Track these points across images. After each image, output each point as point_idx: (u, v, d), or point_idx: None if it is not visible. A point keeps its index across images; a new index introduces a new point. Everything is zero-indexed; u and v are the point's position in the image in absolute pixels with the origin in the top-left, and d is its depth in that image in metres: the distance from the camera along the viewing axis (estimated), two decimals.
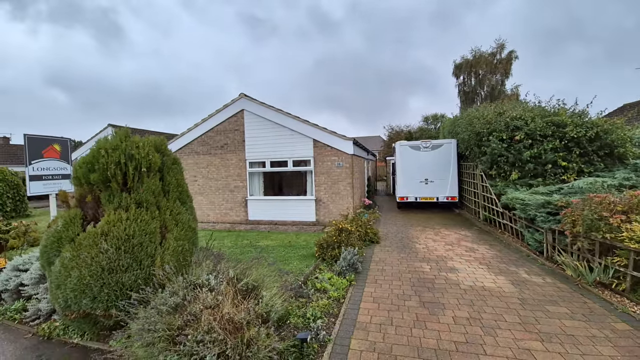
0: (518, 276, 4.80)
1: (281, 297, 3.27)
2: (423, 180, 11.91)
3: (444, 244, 6.96)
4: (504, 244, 6.89)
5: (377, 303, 3.96)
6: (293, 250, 6.86)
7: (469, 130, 9.28)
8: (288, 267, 5.53)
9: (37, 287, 3.78)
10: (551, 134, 7.39)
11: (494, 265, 5.36)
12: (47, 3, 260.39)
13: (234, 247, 7.36)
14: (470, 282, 4.58)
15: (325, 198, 10.51)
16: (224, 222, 11.63)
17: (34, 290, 3.79)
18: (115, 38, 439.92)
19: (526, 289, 4.29)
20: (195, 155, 12.02)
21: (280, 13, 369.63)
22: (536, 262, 5.48)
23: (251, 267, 3.63)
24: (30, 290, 3.80)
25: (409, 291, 4.32)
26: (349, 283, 4.64)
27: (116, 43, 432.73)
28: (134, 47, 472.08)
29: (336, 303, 3.99)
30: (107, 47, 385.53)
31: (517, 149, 7.62)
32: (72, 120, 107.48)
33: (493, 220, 8.62)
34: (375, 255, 6.25)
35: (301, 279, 4.65)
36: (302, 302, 3.96)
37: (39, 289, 3.75)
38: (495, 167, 8.19)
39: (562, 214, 5.13)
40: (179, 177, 3.77)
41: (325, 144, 10.32)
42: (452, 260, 5.76)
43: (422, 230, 8.59)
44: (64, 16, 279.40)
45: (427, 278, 4.83)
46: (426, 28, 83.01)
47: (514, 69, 26.78)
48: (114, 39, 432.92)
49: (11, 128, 76.67)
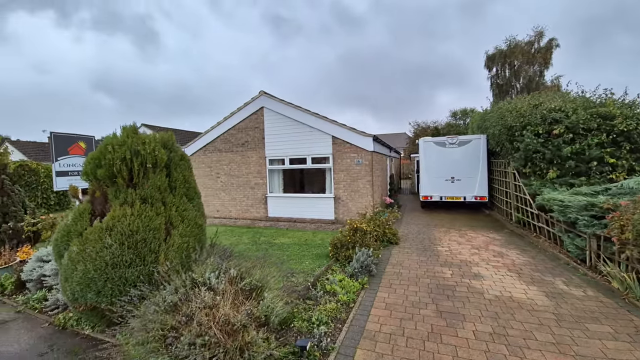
0: (554, 287, 4.27)
1: (284, 299, 3.11)
2: (449, 178, 11.24)
3: (469, 247, 6.46)
4: (539, 249, 6.24)
5: (390, 310, 3.69)
6: (308, 249, 6.71)
7: (499, 125, 8.55)
8: (300, 266, 5.39)
9: (57, 278, 3.95)
10: (597, 127, 6.57)
11: (525, 273, 4.84)
12: (89, 11, 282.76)
13: (251, 244, 7.36)
14: (497, 292, 4.14)
15: (344, 196, 10.26)
16: (245, 218, 11.78)
17: (54, 280, 3.97)
18: (152, 43, 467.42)
19: (563, 302, 3.79)
20: (218, 153, 12.27)
21: (304, 12, 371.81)
22: (577, 272, 4.87)
23: (256, 267, 3.51)
24: (50, 280, 3.99)
25: (426, 298, 3.99)
26: (361, 286, 4.39)
27: (152, 48, 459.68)
28: (167, 51, 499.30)
29: (345, 307, 3.77)
30: (144, 52, 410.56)
31: (556, 145, 6.87)
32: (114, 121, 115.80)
33: (527, 222, 7.89)
34: (392, 257, 5.92)
35: (311, 280, 4.48)
36: (310, 304, 3.79)
37: (58, 279, 3.91)
38: (530, 164, 7.46)
39: (609, 217, 4.50)
40: (187, 173, 3.73)
41: (344, 141, 10.05)
42: (478, 265, 5.30)
43: (446, 232, 8.08)
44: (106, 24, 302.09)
45: (447, 285, 4.45)
46: (455, 19, 78.94)
47: (555, 59, 24.58)
48: (151, 44, 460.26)
49: (60, 129, 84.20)
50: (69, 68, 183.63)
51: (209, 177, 12.45)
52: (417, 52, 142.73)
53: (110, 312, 2.96)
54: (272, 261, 3.94)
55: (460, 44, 76.92)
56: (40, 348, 3.13)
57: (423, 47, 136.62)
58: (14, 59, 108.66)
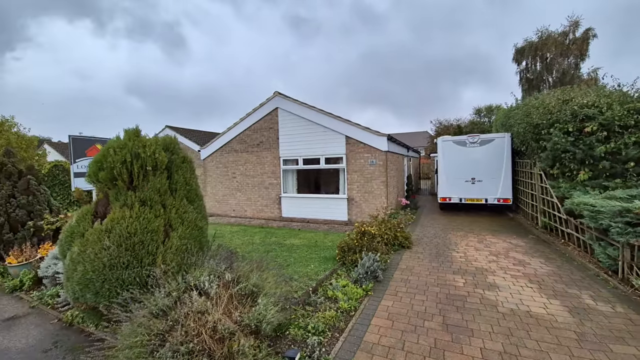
0: (579, 301, 3.88)
1: (278, 305, 3.03)
2: (469, 179, 10.69)
3: (487, 254, 6.06)
4: (566, 258, 5.74)
5: (392, 320, 3.50)
6: (317, 251, 6.61)
7: (525, 122, 7.97)
8: (305, 269, 5.30)
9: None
10: (634, 125, 5.92)
11: (547, 285, 4.44)
12: (123, 20, 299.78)
13: (261, 245, 7.37)
14: (513, 305, 3.82)
15: (358, 197, 10.06)
16: (260, 218, 11.89)
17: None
18: (179, 48, 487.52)
19: (587, 319, 3.41)
20: (234, 153, 12.47)
21: (323, 11, 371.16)
22: (607, 285, 4.41)
23: (253, 270, 3.46)
24: (63, 278, 4.17)
25: (433, 309, 3.75)
26: (365, 293, 4.23)
27: (180, 52, 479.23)
28: (194, 55, 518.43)
29: (345, 316, 3.63)
30: (173, 57, 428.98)
31: (588, 144, 6.28)
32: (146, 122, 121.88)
33: (554, 228, 7.30)
34: (402, 262, 5.68)
35: (313, 285, 4.37)
36: (309, 311, 3.69)
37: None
38: (559, 165, 6.89)
39: None
40: (188, 175, 3.75)
41: (358, 141, 9.85)
42: (494, 274, 4.94)
43: (463, 236, 7.67)
44: (137, 32, 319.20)
45: (458, 294, 4.17)
46: (481, 11, 75.12)
47: (592, 50, 22.76)
48: (178, 49, 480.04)
49: (98, 130, 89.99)
50: (106, 73, 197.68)
51: (226, 177, 12.69)
52: (441, 48, 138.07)
53: (109, 312, 3.02)
54: (273, 265, 3.86)
55: (487, 37, 73.20)
56: (46, 344, 3.26)
57: (447, 42, 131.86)
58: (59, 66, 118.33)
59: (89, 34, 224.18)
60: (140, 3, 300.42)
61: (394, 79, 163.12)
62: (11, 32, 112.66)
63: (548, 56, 24.83)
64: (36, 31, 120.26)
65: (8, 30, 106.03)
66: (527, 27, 46.85)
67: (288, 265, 5.55)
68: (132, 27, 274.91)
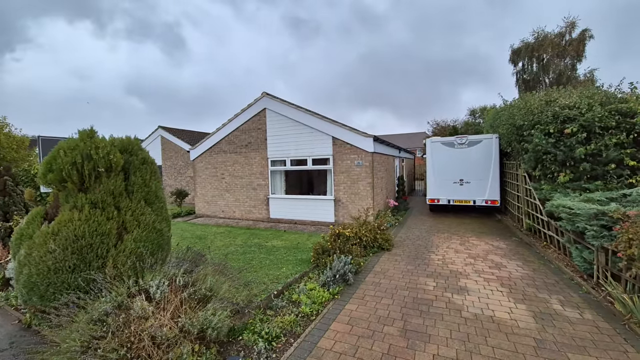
0: (546, 306, 3.80)
1: (227, 310, 2.96)
2: (457, 181, 10.61)
3: (465, 257, 5.99)
4: (544, 261, 5.66)
5: (351, 325, 3.42)
6: (295, 253, 6.54)
7: (508, 123, 7.90)
8: (278, 272, 5.22)
9: None
10: (615, 126, 5.84)
11: (518, 289, 4.36)
12: (123, 21, 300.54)
13: (242, 247, 7.29)
14: (477, 309, 3.74)
15: (344, 198, 9.99)
16: (248, 219, 11.83)
17: None
18: (179, 49, 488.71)
19: (551, 325, 3.33)
20: (223, 154, 12.41)
21: (322, 12, 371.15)
22: (580, 289, 4.32)
23: (208, 275, 3.39)
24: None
25: (396, 313, 3.68)
26: (332, 296, 4.15)
27: (180, 53, 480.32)
28: (193, 56, 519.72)
29: (305, 320, 3.56)
30: (172, 57, 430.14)
31: (569, 145, 6.20)
32: (146, 122, 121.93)
33: (537, 230, 7.22)
34: (378, 264, 5.61)
35: (279, 288, 4.29)
36: (270, 315, 3.62)
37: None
38: (540, 166, 6.81)
39: (616, 229, 3.94)
40: (147, 177, 3.68)
41: (344, 142, 9.79)
42: (468, 277, 4.86)
43: (447, 238, 7.59)
44: (137, 32, 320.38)
45: (425, 298, 4.09)
46: (480, 12, 74.95)
47: (588, 51, 22.68)
48: (178, 50, 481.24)
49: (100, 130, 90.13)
50: (106, 74, 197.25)
51: (215, 178, 12.64)
52: (440, 49, 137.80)
53: (56, 316, 2.96)
54: (245, 265, 3.79)
55: (486, 38, 73.04)
56: (3, 344, 3.21)
57: (446, 43, 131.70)
58: (58, 66, 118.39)
59: (88, 35, 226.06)
60: (140, 4, 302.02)
61: (394, 79, 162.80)
62: (11, 34, 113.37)
63: (544, 57, 24.79)
64: (36, 32, 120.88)
65: (8, 32, 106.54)
66: (526, 28, 46.79)
67: (261, 268, 5.48)
68: (132, 28, 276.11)
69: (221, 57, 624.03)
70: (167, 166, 17.87)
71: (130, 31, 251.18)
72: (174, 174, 17.69)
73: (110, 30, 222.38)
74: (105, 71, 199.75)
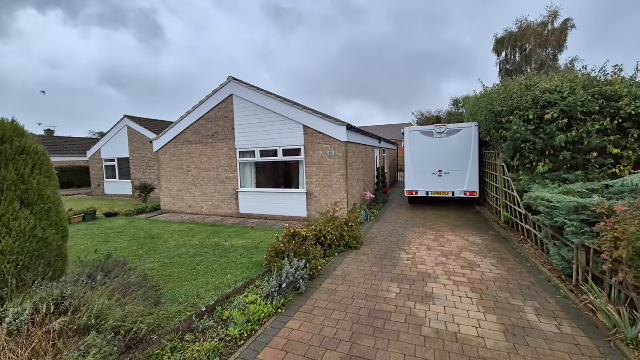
0: (520, 317, 3.26)
1: (105, 344, 2.25)
2: (436, 172, 10.12)
3: (438, 255, 5.45)
4: (521, 258, 5.19)
5: (286, 352, 2.78)
6: (253, 254, 5.85)
7: (487, 110, 7.36)
8: (222, 279, 4.52)
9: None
10: (599, 111, 5.35)
11: (490, 294, 3.83)
12: (94, 8, 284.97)
13: (196, 247, 6.52)
14: (441, 324, 3.17)
15: (317, 191, 9.33)
16: (216, 214, 11.03)
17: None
18: (156, 36, 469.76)
19: (523, 344, 2.79)
20: (188, 145, 11.47)
21: (304, 2, 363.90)
22: (558, 293, 3.83)
23: (103, 295, 2.66)
24: None
25: (345, 333, 3.06)
26: (275, 311, 3.50)
27: (157, 41, 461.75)
28: (172, 44, 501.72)
29: (232, 346, 2.89)
30: (149, 45, 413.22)
31: (549, 132, 5.70)
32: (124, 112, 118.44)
33: (516, 224, 6.79)
34: (341, 267, 5.00)
35: (210, 303, 3.60)
36: (187, 341, 2.92)
37: None
38: (519, 156, 6.31)
39: (600, 226, 3.43)
40: (26, 171, 2.87)
41: (316, 131, 9.06)
42: (437, 280, 4.31)
43: (422, 233, 7.07)
44: (110, 19, 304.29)
45: (384, 310, 3.50)
46: (463, 2, 74.46)
47: (570, 41, 22.58)
48: (155, 38, 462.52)
49: (75, 123, 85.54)
50: (80, 62, 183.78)
51: (181, 171, 11.71)
52: (423, 40, 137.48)
53: None
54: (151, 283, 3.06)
55: (469, 29, 72.81)
56: None
57: (429, 35, 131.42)
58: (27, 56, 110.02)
59: (60, 23, 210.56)
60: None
61: (378, 71, 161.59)
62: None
63: (527, 47, 24.58)
64: (7, 22, 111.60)
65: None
66: (510, 19, 46.68)
67: (204, 274, 4.76)
68: (105, 14, 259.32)
69: (202, 46, 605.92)
70: (135, 158, 16.70)
71: (103, 17, 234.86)
72: (142, 167, 16.55)
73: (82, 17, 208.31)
74: (79, 57, 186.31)
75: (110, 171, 17.69)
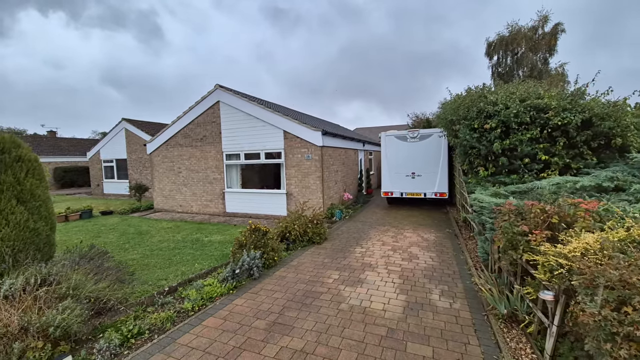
0: (425, 296, 3.95)
1: (78, 307, 2.97)
2: (410, 174, 10.80)
3: (388, 249, 6.14)
4: (459, 252, 5.86)
5: (224, 320, 3.49)
6: (226, 248, 6.57)
7: (444, 119, 8.03)
8: (190, 268, 5.25)
9: None
10: (531, 122, 6.01)
11: (412, 280, 4.51)
12: (95, 9, 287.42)
13: (178, 242, 7.26)
14: (358, 301, 3.86)
15: (296, 192, 10.05)
16: (204, 213, 11.77)
17: None
18: (156, 37, 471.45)
19: (414, 315, 3.48)
20: (179, 148, 12.23)
21: (302, 3, 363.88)
22: (469, 279, 4.51)
23: (78, 272, 3.39)
24: None
25: (278, 307, 3.77)
26: (227, 291, 4.22)
27: (157, 42, 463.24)
28: (172, 45, 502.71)
29: (183, 316, 3.61)
30: (150, 46, 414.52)
31: (490, 140, 6.36)
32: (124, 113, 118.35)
33: (470, 222, 7.45)
34: (298, 258, 5.70)
35: (173, 284, 4.33)
36: (149, 312, 3.64)
37: None
38: (468, 161, 6.98)
39: (497, 222, 4.09)
40: (21, 175, 3.62)
41: (294, 136, 9.78)
42: (375, 269, 5.00)
43: (384, 231, 7.75)
44: (110, 20, 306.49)
45: (317, 291, 4.20)
46: (461, 4, 74.76)
47: (561, 45, 23.07)
48: (155, 39, 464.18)
49: (77, 123, 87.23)
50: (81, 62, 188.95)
51: (172, 172, 12.47)
52: (422, 40, 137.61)
53: None
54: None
55: (467, 29, 73.03)
56: None
57: (427, 36, 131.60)
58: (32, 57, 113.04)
59: (63, 25, 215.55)
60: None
61: (378, 72, 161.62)
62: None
63: (518, 51, 25.05)
64: (8, 25, 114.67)
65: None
66: (506, 20, 47.12)
67: (177, 264, 5.50)
68: (105, 16, 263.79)
69: (202, 47, 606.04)
70: (132, 159, 17.52)
71: (103, 19, 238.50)
72: (139, 168, 17.36)
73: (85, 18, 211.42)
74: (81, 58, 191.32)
75: (109, 171, 18.52)
